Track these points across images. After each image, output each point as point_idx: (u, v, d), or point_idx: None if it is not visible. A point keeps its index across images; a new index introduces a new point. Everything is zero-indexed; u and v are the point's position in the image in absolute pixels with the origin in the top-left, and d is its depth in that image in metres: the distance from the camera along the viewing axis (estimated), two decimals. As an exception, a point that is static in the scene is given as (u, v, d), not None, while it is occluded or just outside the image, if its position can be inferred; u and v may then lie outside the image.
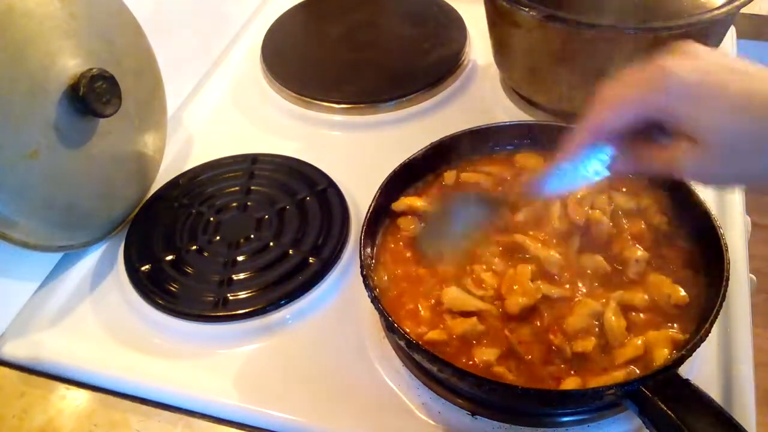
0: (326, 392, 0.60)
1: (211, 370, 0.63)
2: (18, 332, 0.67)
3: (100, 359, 0.64)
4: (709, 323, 0.52)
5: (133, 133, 0.74)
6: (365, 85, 0.91)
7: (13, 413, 0.61)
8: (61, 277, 0.71)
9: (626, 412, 0.56)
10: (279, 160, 0.81)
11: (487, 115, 0.85)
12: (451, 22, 1.00)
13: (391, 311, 0.56)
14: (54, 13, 0.63)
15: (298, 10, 1.06)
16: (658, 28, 0.69)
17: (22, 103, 0.60)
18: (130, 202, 0.76)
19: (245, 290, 0.67)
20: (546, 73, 0.79)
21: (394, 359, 0.62)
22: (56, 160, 0.64)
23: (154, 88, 0.78)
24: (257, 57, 0.98)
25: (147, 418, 0.60)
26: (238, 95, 0.95)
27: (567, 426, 0.56)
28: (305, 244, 0.70)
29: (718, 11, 0.70)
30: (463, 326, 0.56)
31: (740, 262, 0.67)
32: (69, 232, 0.69)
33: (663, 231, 0.62)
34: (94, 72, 0.63)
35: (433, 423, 0.58)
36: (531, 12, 0.72)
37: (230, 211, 0.75)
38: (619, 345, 0.54)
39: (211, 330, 0.65)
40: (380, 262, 0.63)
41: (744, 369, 0.59)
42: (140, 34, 0.75)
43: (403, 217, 0.65)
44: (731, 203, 0.73)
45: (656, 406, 0.47)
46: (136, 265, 0.70)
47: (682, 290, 0.57)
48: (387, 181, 0.65)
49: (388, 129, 0.87)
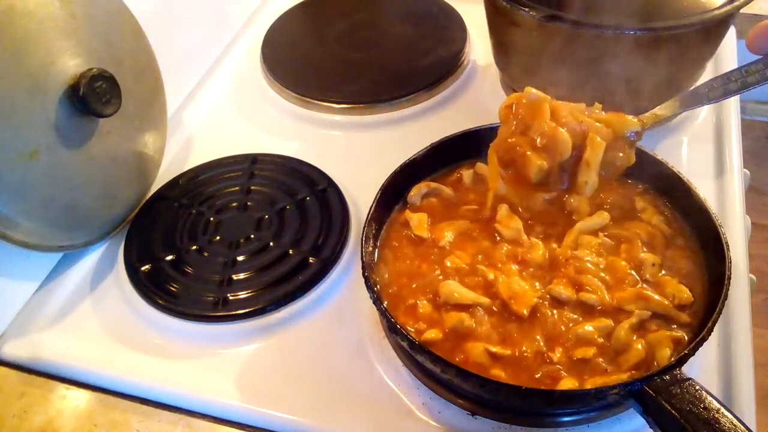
0: (326, 392, 0.60)
1: (211, 370, 0.63)
2: (18, 332, 0.67)
3: (100, 359, 0.64)
4: (712, 322, 0.52)
5: (133, 133, 0.74)
6: (365, 85, 0.91)
7: (13, 413, 0.61)
8: (61, 277, 0.71)
9: (626, 413, 0.56)
10: (279, 160, 0.81)
11: (487, 115, 0.85)
12: (451, 22, 1.00)
13: (391, 308, 0.55)
14: (54, 13, 0.63)
15: (298, 10, 1.06)
16: (658, 28, 0.69)
17: (22, 103, 0.60)
18: (130, 202, 0.76)
19: (245, 290, 0.67)
20: (546, 73, 0.79)
21: (394, 359, 0.62)
22: (56, 160, 0.64)
23: (154, 88, 0.78)
24: (257, 57, 0.98)
25: (147, 418, 0.60)
26: (238, 95, 0.95)
27: (567, 426, 0.56)
28: (305, 244, 0.70)
29: (718, 11, 0.70)
30: (452, 320, 0.56)
31: (740, 262, 0.67)
32: (69, 232, 0.69)
33: (664, 232, 0.62)
34: (94, 72, 0.63)
35: (433, 423, 0.58)
36: (531, 12, 0.72)
37: (230, 211, 0.75)
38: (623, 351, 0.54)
39: (211, 330, 0.65)
40: (381, 259, 0.63)
41: (744, 369, 0.59)
42: (140, 34, 0.75)
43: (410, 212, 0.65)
44: (731, 203, 0.73)
45: (660, 405, 0.47)
46: (136, 265, 0.70)
47: (686, 290, 0.57)
48: (387, 181, 0.65)
49: (388, 129, 0.87)
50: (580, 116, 0.50)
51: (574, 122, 0.49)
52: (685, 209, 0.63)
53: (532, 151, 0.50)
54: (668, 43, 0.71)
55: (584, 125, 0.49)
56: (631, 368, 0.53)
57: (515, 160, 0.51)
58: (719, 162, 0.78)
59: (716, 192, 0.75)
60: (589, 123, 0.49)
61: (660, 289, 0.58)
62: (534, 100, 0.52)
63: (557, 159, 0.50)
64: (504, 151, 0.53)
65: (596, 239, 0.61)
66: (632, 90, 0.76)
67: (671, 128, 0.82)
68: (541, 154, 0.50)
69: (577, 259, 0.60)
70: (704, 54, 0.77)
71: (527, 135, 0.51)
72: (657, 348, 0.53)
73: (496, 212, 0.63)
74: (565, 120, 0.50)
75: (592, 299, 0.57)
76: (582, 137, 0.50)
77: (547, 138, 0.49)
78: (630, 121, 0.49)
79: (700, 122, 0.83)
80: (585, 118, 0.50)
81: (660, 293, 0.57)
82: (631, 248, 0.61)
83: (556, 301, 0.57)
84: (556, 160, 0.50)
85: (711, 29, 0.73)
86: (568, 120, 0.50)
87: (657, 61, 0.72)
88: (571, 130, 0.49)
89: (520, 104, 0.53)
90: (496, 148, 0.53)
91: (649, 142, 0.70)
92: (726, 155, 0.79)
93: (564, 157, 0.50)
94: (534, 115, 0.50)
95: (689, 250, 0.61)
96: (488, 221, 0.64)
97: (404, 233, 0.65)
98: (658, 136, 0.81)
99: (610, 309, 0.57)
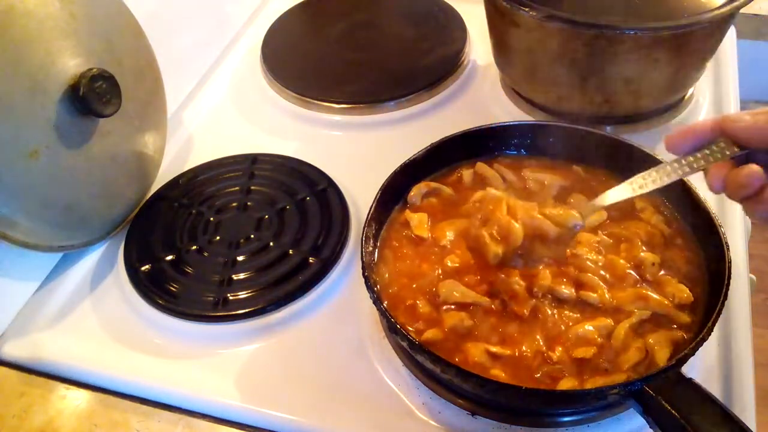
0: (326, 392, 0.60)
1: (211, 370, 0.63)
2: (18, 332, 0.67)
3: (100, 359, 0.64)
4: (712, 322, 0.52)
5: (133, 133, 0.74)
6: (365, 85, 0.91)
7: (13, 413, 0.61)
8: (61, 277, 0.71)
9: (626, 413, 0.56)
10: (279, 160, 0.81)
11: (487, 115, 0.85)
12: (451, 22, 1.00)
13: (391, 308, 0.55)
14: (54, 13, 0.63)
15: (298, 10, 1.06)
16: (658, 28, 0.69)
17: (22, 103, 0.60)
18: (130, 202, 0.76)
19: (245, 290, 0.67)
20: (546, 73, 0.79)
21: (394, 359, 0.62)
22: (56, 160, 0.64)
23: (154, 88, 0.78)
24: (257, 57, 0.98)
25: (147, 418, 0.60)
26: (238, 95, 0.95)
27: (567, 426, 0.56)
28: (305, 244, 0.70)
29: (718, 11, 0.70)
30: (453, 319, 0.56)
31: (740, 262, 0.67)
32: (69, 232, 0.69)
33: (663, 231, 0.62)
34: (94, 72, 0.63)
35: (433, 423, 0.58)
36: (531, 12, 0.72)
37: (230, 211, 0.75)
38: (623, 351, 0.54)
39: (211, 330, 0.65)
40: (381, 259, 0.63)
41: (744, 369, 0.59)
42: (140, 34, 0.75)
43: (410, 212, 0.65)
44: (731, 203, 0.73)
45: (660, 405, 0.47)
46: (136, 265, 0.70)
47: (686, 290, 0.57)
48: (387, 181, 0.65)
49: (388, 129, 0.87)
50: (532, 213, 0.60)
51: (527, 218, 0.59)
52: (685, 209, 0.63)
53: (490, 240, 0.60)
54: (668, 43, 0.71)
55: (535, 221, 0.59)
56: (631, 368, 0.53)
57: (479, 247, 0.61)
58: (719, 162, 0.78)
59: (716, 192, 0.75)
60: (539, 220, 0.59)
61: (660, 289, 0.58)
62: (494, 198, 0.62)
63: (511, 247, 0.59)
64: (470, 239, 0.62)
65: (595, 237, 0.61)
66: (632, 90, 0.76)
67: (671, 128, 0.82)
68: (498, 243, 0.59)
69: (577, 257, 0.60)
70: (704, 54, 0.77)
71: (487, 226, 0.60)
72: (657, 348, 0.53)
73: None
74: (519, 215, 0.60)
75: (592, 298, 0.57)
76: (532, 229, 0.59)
77: (503, 229, 0.59)
78: (573, 216, 0.59)
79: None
80: (536, 215, 0.60)
81: (660, 293, 0.57)
82: (630, 247, 0.61)
83: (556, 299, 0.57)
84: (510, 247, 0.59)
85: (711, 29, 0.73)
86: (522, 215, 0.60)
87: (657, 61, 0.72)
88: (524, 224, 0.59)
89: (484, 200, 0.63)
90: (464, 236, 0.63)
91: (649, 142, 0.70)
92: (726, 155, 0.78)
93: (516, 245, 0.59)
94: (494, 210, 0.60)
95: (689, 250, 0.61)
96: None
97: (404, 233, 0.65)
98: (658, 136, 0.81)
99: (610, 308, 0.57)
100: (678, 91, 0.81)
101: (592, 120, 0.79)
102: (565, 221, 0.59)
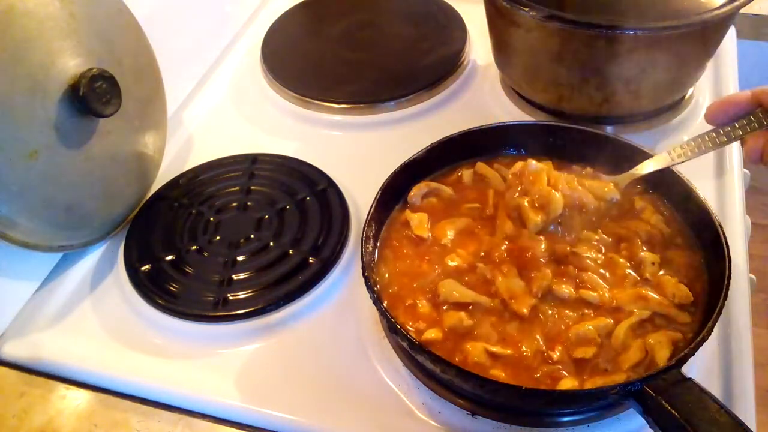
0: (326, 392, 0.60)
1: (211, 370, 0.63)
2: (18, 332, 0.66)
3: (100, 359, 0.64)
4: (712, 322, 0.52)
5: (133, 133, 0.74)
6: (365, 85, 0.91)
7: (13, 413, 0.61)
8: (61, 277, 0.71)
9: (626, 413, 0.56)
10: (279, 160, 0.81)
11: (487, 115, 0.85)
12: (451, 22, 1.00)
13: (391, 308, 0.55)
14: (54, 13, 0.63)
15: (298, 10, 1.06)
16: (658, 28, 0.69)
17: (22, 103, 0.60)
18: (130, 202, 0.76)
19: (245, 290, 0.67)
20: (546, 73, 0.79)
21: (394, 359, 0.62)
22: (56, 160, 0.64)
23: (154, 88, 0.78)
24: (257, 57, 0.98)
25: (147, 418, 0.60)
26: (238, 95, 0.95)
27: (567, 426, 0.56)
28: (305, 244, 0.70)
29: (718, 11, 0.70)
30: (452, 319, 0.56)
31: (740, 262, 0.67)
32: (69, 232, 0.69)
33: (663, 231, 0.62)
34: (94, 72, 0.63)
35: (433, 423, 0.58)
36: (531, 12, 0.72)
37: (230, 211, 0.75)
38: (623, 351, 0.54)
39: (211, 330, 0.65)
40: (381, 258, 0.63)
41: (744, 369, 0.59)
42: (140, 34, 0.75)
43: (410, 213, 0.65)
44: (731, 203, 0.73)
45: (660, 405, 0.47)
46: (136, 265, 0.70)
47: (686, 290, 0.57)
48: (387, 181, 0.65)
49: (388, 129, 0.87)
50: (573, 183, 0.62)
51: (568, 188, 0.62)
52: (685, 209, 0.63)
53: (531, 208, 0.61)
54: (668, 43, 0.71)
55: (575, 192, 0.62)
56: (631, 368, 0.53)
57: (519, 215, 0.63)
58: (719, 162, 0.78)
59: (716, 192, 0.75)
60: (579, 191, 0.62)
61: (660, 289, 0.58)
62: (535, 169, 0.63)
63: (551, 216, 0.61)
64: (510, 208, 0.63)
65: (595, 235, 0.61)
66: (632, 90, 0.76)
67: (671, 128, 0.82)
68: (537, 211, 0.61)
69: (577, 255, 0.60)
70: (704, 54, 0.78)
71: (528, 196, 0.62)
72: (657, 348, 0.53)
73: (498, 210, 0.64)
74: (560, 186, 0.62)
75: (592, 297, 0.57)
76: (571, 200, 0.62)
77: (543, 199, 0.61)
78: (612, 189, 0.63)
79: (700, 122, 0.83)
80: (576, 186, 0.62)
81: (660, 293, 0.57)
82: (630, 246, 0.61)
83: (556, 299, 0.57)
84: (550, 216, 0.61)
85: (711, 29, 0.73)
86: (563, 186, 0.62)
87: (657, 61, 0.73)
88: (563, 194, 0.61)
89: (523, 172, 0.64)
90: (504, 206, 0.64)
91: (649, 142, 0.71)
92: (726, 155, 0.79)
93: (556, 214, 0.61)
94: (534, 182, 0.62)
95: (689, 250, 0.61)
96: (490, 219, 0.64)
97: (404, 233, 0.65)
98: (658, 136, 0.81)
99: (610, 308, 0.57)
100: (678, 91, 0.81)
101: (592, 120, 0.79)
102: (604, 194, 0.63)
